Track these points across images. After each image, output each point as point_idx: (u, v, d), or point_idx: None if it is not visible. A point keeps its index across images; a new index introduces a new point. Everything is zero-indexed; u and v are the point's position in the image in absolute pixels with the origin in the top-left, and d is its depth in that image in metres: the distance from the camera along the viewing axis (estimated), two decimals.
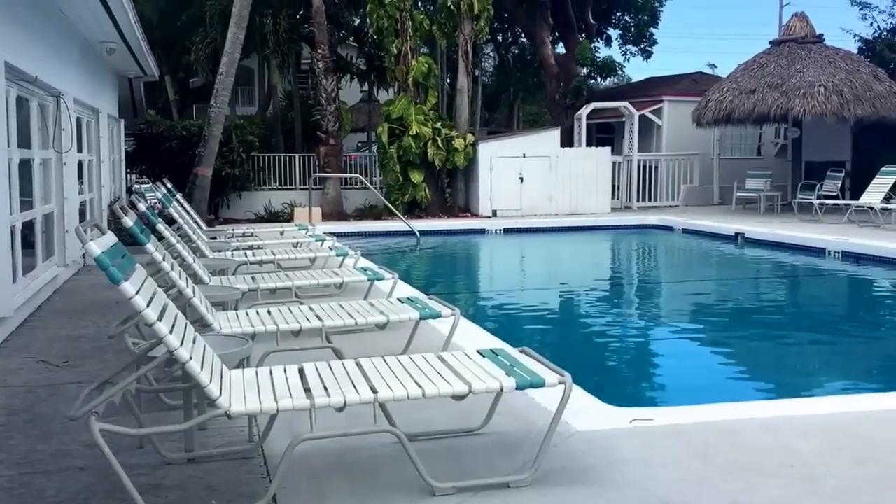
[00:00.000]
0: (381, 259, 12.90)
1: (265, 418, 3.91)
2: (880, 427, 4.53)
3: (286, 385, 3.67)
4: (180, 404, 4.30)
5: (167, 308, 3.65)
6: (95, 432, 3.12)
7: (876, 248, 12.46)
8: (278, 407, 3.43)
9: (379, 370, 3.91)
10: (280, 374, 3.87)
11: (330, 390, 3.58)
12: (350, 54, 24.53)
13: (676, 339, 8.87)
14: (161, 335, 3.32)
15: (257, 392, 3.57)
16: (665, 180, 20.94)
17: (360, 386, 3.65)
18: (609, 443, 4.29)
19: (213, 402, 3.39)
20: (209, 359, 3.64)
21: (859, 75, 17.52)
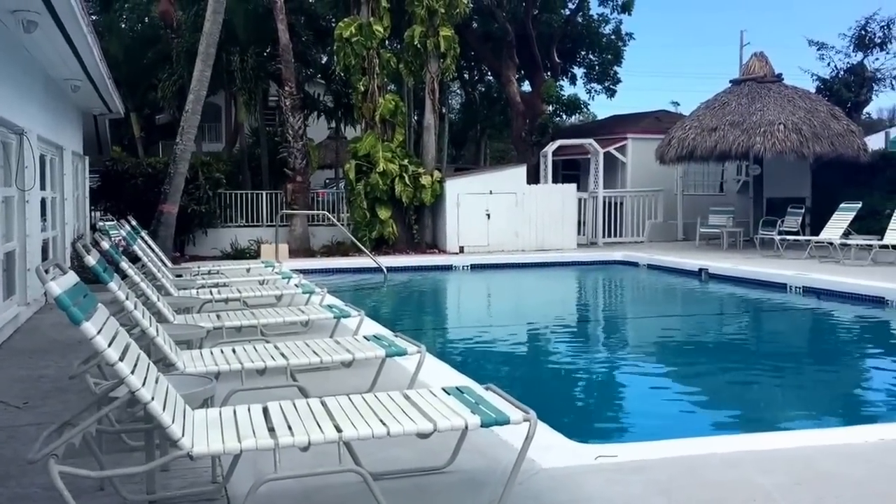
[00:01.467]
0: (349, 296, 12.87)
1: (229, 459, 3.88)
2: (841, 462, 4.58)
3: (250, 425, 3.65)
4: (142, 445, 4.24)
5: (129, 347, 3.62)
6: (54, 475, 3.08)
7: (836, 283, 12.66)
8: (242, 447, 3.40)
9: (344, 409, 3.90)
10: (244, 413, 3.84)
11: (294, 430, 3.57)
12: (317, 91, 24.65)
13: (641, 375, 8.92)
14: (122, 375, 3.30)
15: (220, 432, 3.54)
16: (630, 216, 21.18)
17: (324, 425, 3.64)
18: (574, 480, 4.30)
19: (175, 443, 3.36)
20: (172, 399, 3.62)
21: (818, 114, 17.88)
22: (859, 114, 23.19)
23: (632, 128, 22.82)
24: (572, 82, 29.33)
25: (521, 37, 25.13)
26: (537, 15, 25.81)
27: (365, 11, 18.84)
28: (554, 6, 26.46)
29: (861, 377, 8.85)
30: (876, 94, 22.76)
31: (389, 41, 21.36)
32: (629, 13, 26.96)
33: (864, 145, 18.11)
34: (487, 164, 33.95)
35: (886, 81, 22.13)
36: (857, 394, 8.02)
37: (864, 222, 16.80)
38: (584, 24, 27.70)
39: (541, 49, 25.88)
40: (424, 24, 18.92)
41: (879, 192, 18.30)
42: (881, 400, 7.78)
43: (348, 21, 18.79)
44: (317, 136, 24.83)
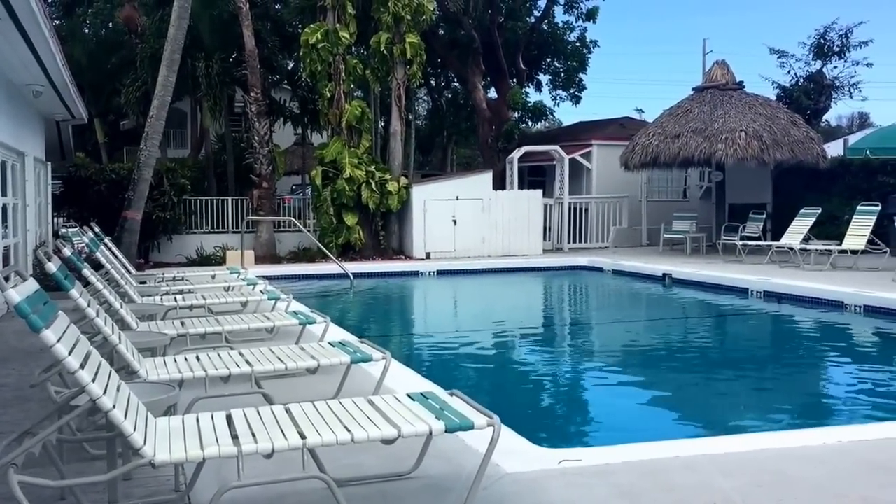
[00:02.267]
0: (315, 302, 12.84)
1: (192, 466, 3.87)
2: (800, 464, 4.67)
3: (213, 432, 3.65)
4: (104, 454, 4.22)
5: (90, 355, 3.60)
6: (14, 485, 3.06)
7: (796, 287, 12.87)
8: (204, 455, 3.40)
9: (308, 415, 3.91)
10: (207, 420, 3.84)
11: (258, 437, 3.57)
12: (283, 98, 24.55)
13: (605, 379, 9.01)
14: (83, 383, 3.29)
15: (183, 440, 3.54)
16: (595, 222, 21.35)
17: (288, 432, 3.65)
18: (538, 484, 4.34)
19: (137, 451, 3.35)
20: (134, 407, 3.60)
21: (778, 121, 18.13)
22: (818, 121, 23.63)
23: (597, 134, 23.04)
24: (538, 89, 29.51)
25: (487, 44, 25.25)
26: (503, 22, 25.95)
27: (331, 18, 18.82)
28: (519, 14, 26.60)
29: (820, 380, 9.02)
30: (834, 102, 23.29)
31: (356, 47, 21.35)
32: (594, 21, 27.18)
33: (823, 152, 18.42)
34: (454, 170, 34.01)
35: (845, 89, 22.61)
36: (816, 397, 8.16)
37: (823, 227, 17.07)
38: (549, 32, 27.89)
39: (507, 56, 26.02)
40: (391, 31, 18.95)
41: (838, 198, 18.63)
42: (839, 403, 7.94)
43: (314, 27, 18.76)
44: (283, 142, 24.73)
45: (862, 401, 7.82)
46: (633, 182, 21.31)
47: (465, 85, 26.84)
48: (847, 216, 16.35)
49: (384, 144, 20.53)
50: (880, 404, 7.60)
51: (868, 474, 4.51)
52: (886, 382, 8.61)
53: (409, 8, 18.72)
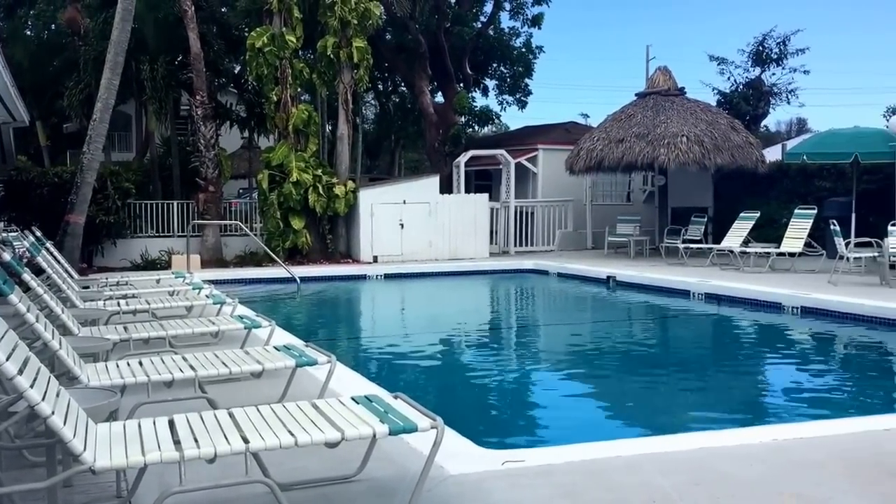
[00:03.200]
0: (262, 306, 12.77)
1: (134, 473, 3.84)
2: (737, 462, 4.76)
3: (155, 437, 3.64)
4: (43, 461, 4.16)
5: (29, 361, 3.57)
6: None
7: (736, 289, 13.12)
8: (146, 460, 3.39)
9: (252, 419, 3.92)
10: (149, 426, 3.82)
11: (200, 441, 3.57)
12: (230, 101, 24.32)
13: (550, 381, 9.12)
14: (21, 389, 3.26)
15: (124, 446, 3.52)
16: (541, 226, 21.55)
17: (231, 436, 3.65)
18: (481, 485, 4.37)
19: (77, 458, 3.33)
20: (73, 412, 3.58)
21: (718, 126, 18.49)
22: (757, 126, 24.22)
23: (542, 139, 23.23)
24: (484, 94, 29.68)
25: (433, 48, 25.33)
26: (450, 28, 26.05)
27: (277, 21, 18.72)
28: (466, 19, 26.75)
29: (758, 380, 9.23)
30: (773, 108, 23.88)
31: (303, 51, 21.25)
32: (539, 27, 27.46)
33: (762, 157, 18.84)
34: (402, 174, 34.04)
35: (782, 95, 23.21)
36: (754, 396, 8.35)
37: (762, 230, 17.43)
38: (495, 38, 28.08)
39: (453, 61, 26.14)
40: (337, 35, 18.91)
41: (776, 201, 19.07)
42: (776, 402, 8.14)
43: (261, 31, 18.64)
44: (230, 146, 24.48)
45: (798, 400, 8.04)
46: (579, 186, 21.56)
47: (413, 89, 26.89)
48: (785, 220, 16.71)
49: (331, 148, 20.47)
50: (815, 403, 7.82)
51: (802, 472, 4.61)
52: (821, 382, 8.87)
53: (356, 12, 18.70)
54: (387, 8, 21.46)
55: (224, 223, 19.41)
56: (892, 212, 14.70)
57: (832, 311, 11.31)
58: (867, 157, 16.07)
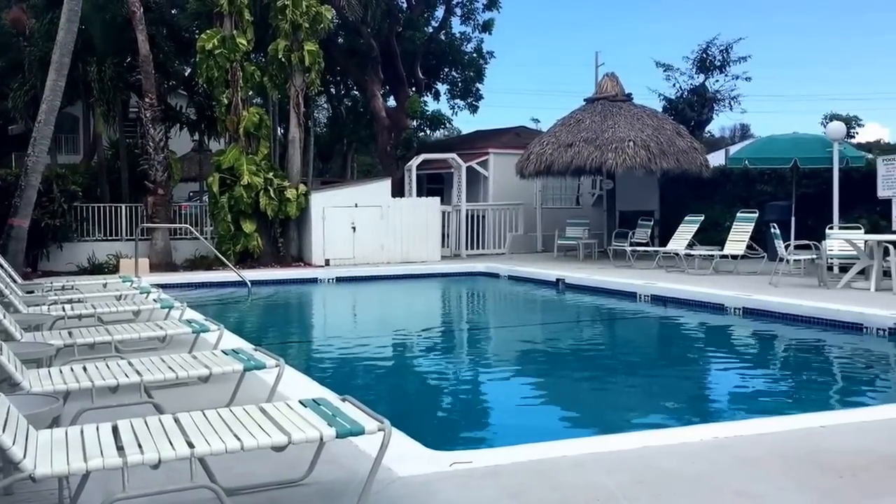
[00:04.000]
0: (211, 310, 12.66)
1: (77, 479, 3.82)
2: (679, 460, 4.84)
3: (98, 444, 3.61)
4: None
5: None
6: None
7: (680, 291, 13.34)
8: (88, 467, 3.36)
9: (198, 424, 3.91)
10: (92, 432, 3.79)
11: (144, 447, 3.55)
12: (180, 103, 24.05)
13: (500, 382, 9.20)
14: None
15: (66, 452, 3.49)
16: (492, 229, 21.68)
17: (176, 441, 3.64)
18: (429, 487, 4.39)
19: (16, 465, 3.30)
20: (13, 419, 3.55)
21: (664, 131, 18.77)
22: (702, 132, 24.68)
23: (493, 143, 23.40)
24: (436, 98, 29.81)
25: (385, 53, 25.37)
26: (401, 32, 26.11)
27: (228, 24, 18.59)
28: (417, 24, 26.84)
29: (701, 380, 9.42)
30: (716, 114, 24.36)
31: (254, 54, 21.14)
32: (489, 33, 27.72)
33: (706, 162, 19.20)
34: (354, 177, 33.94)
35: (725, 102, 23.69)
36: (697, 395, 8.53)
37: (706, 234, 17.76)
38: (446, 42, 28.22)
39: (405, 65, 26.20)
40: (288, 39, 18.84)
41: (720, 205, 19.44)
42: (718, 400, 8.33)
43: (211, 33, 18.49)
44: (180, 149, 24.22)
45: (738, 398, 8.22)
46: (529, 190, 21.75)
47: (365, 93, 26.90)
48: (728, 223, 16.99)
49: (283, 152, 20.38)
50: (755, 401, 8.01)
51: (742, 468, 4.70)
52: (761, 381, 9.09)
53: (307, 16, 18.66)
54: (338, 12, 21.44)
55: (174, 226, 19.20)
56: (830, 215, 15.05)
57: (773, 311, 11.57)
58: (806, 162, 16.49)
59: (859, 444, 5.18)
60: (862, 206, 16.01)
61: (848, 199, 15.43)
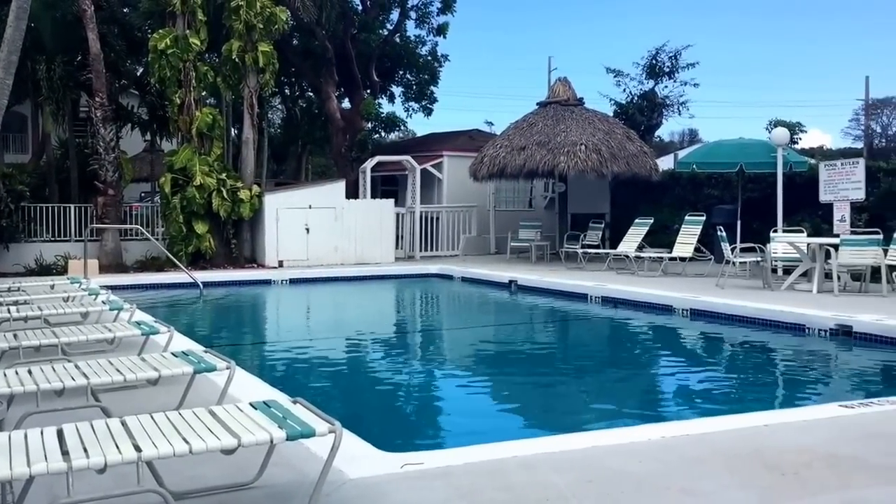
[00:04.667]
0: (162, 312, 12.56)
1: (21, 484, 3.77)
2: (627, 459, 4.91)
3: (42, 448, 3.56)
4: None
5: None
6: None
7: (630, 292, 13.53)
8: (31, 472, 3.32)
9: (145, 427, 3.88)
10: (36, 436, 3.74)
11: (90, 451, 3.51)
12: (131, 103, 23.76)
13: (452, 383, 9.26)
14: None
15: (9, 457, 3.44)
16: (446, 231, 21.76)
17: (123, 445, 3.60)
18: (380, 488, 4.40)
19: None
20: None
21: (615, 136, 18.95)
22: (651, 136, 25.02)
23: (447, 145, 23.49)
24: (391, 100, 29.83)
25: (340, 55, 25.31)
26: (356, 34, 26.08)
27: (181, 23, 18.41)
28: (372, 26, 26.83)
29: (649, 380, 9.58)
30: (665, 119, 24.75)
31: (208, 54, 20.94)
32: (444, 36, 27.83)
33: (655, 166, 19.44)
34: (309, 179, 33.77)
35: (674, 107, 24.06)
36: (645, 395, 8.65)
37: (656, 236, 17.98)
38: (401, 45, 28.26)
39: (360, 67, 26.17)
40: (242, 39, 18.71)
41: (669, 208, 19.72)
42: (665, 400, 8.48)
43: (163, 32, 18.29)
44: (132, 149, 23.92)
45: (685, 398, 8.38)
46: (482, 192, 21.86)
47: (319, 95, 26.80)
48: (676, 226, 17.25)
49: (237, 152, 20.23)
50: (701, 401, 8.16)
51: (688, 467, 4.78)
52: (707, 381, 9.25)
53: (261, 17, 18.56)
54: (293, 13, 21.34)
55: (124, 227, 18.96)
56: (774, 219, 15.36)
57: (719, 313, 11.80)
58: (751, 167, 16.83)
59: (801, 442, 5.30)
60: (804, 210, 16.37)
61: (791, 203, 15.77)
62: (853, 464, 4.87)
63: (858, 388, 8.56)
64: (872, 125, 53.54)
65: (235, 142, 20.98)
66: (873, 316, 10.23)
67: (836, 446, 5.21)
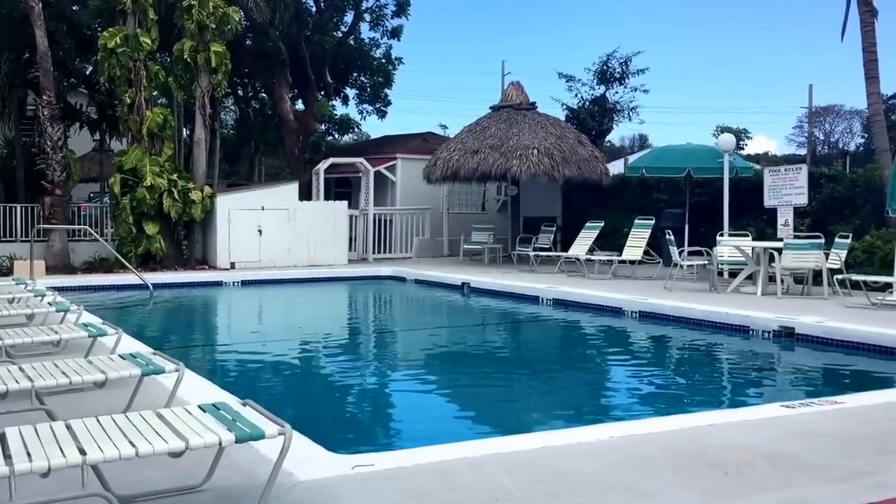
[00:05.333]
0: (111, 314, 12.39)
1: None
2: (575, 459, 4.96)
3: None
4: None
5: None
6: None
7: (581, 295, 13.69)
8: None
9: (91, 431, 3.82)
10: None
11: (33, 455, 3.45)
12: (80, 102, 23.37)
13: (403, 385, 9.28)
14: None
15: None
16: (399, 233, 21.78)
17: (67, 448, 3.55)
18: (331, 491, 4.38)
19: None
20: None
21: (566, 140, 19.18)
22: (602, 141, 25.36)
23: (401, 148, 23.54)
24: (345, 102, 29.83)
25: (294, 56, 25.22)
26: (310, 36, 26.00)
27: (132, 22, 18.18)
28: (326, 28, 26.78)
29: (598, 381, 9.68)
30: (616, 124, 25.12)
31: (160, 54, 20.68)
32: (398, 39, 27.91)
33: (606, 170, 19.74)
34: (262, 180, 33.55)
35: (625, 112, 24.42)
36: (594, 396, 8.75)
37: (606, 239, 18.19)
38: (355, 48, 28.26)
39: (314, 69, 26.09)
40: (195, 39, 18.53)
41: (619, 212, 19.98)
42: (613, 401, 8.58)
43: (113, 31, 18.04)
44: (80, 149, 23.49)
45: (633, 399, 8.51)
46: (436, 195, 21.92)
47: (273, 96, 26.66)
48: (626, 229, 17.44)
49: (188, 153, 20.02)
50: (649, 401, 8.30)
51: (634, 467, 4.84)
52: (655, 382, 9.41)
53: (214, 17, 18.41)
54: (246, 14, 21.20)
55: (72, 228, 18.65)
56: (721, 223, 15.66)
57: (666, 315, 12.01)
58: (699, 172, 17.12)
59: (744, 441, 5.39)
60: (750, 214, 16.72)
61: (737, 207, 16.09)
62: (794, 462, 4.97)
63: (800, 389, 8.78)
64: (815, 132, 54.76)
65: (187, 142, 20.76)
66: (815, 318, 10.49)
67: (778, 445, 5.31)
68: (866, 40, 16.07)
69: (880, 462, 5.03)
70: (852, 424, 5.93)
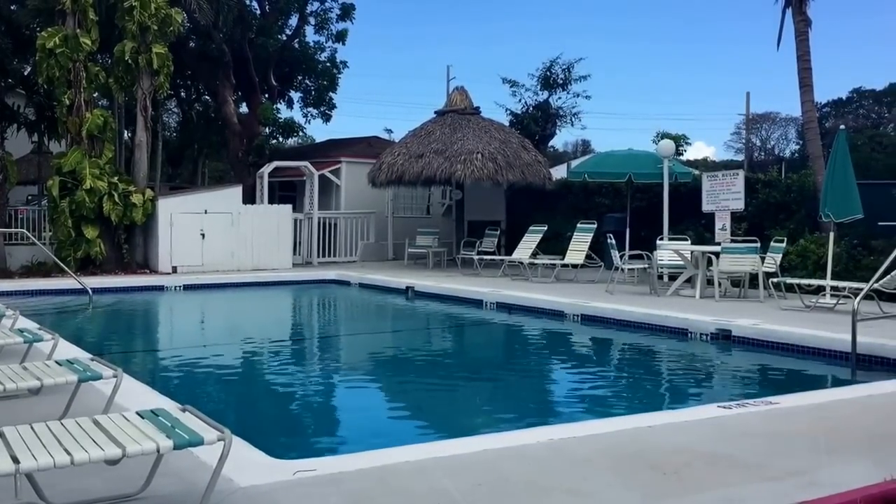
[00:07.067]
0: (49, 319, 12.14)
1: None
2: (516, 462, 5.02)
3: None
4: None
5: None
6: None
7: (524, 298, 13.80)
8: None
9: (24, 438, 3.78)
10: None
11: None
12: (17, 103, 22.86)
13: (346, 389, 9.28)
14: None
15: None
16: (344, 237, 21.70)
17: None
18: (271, 496, 4.36)
19: None
20: None
21: (510, 145, 19.33)
22: (546, 146, 25.65)
23: (346, 152, 23.46)
24: (289, 106, 29.57)
25: (238, 59, 24.97)
26: (254, 38, 25.79)
27: (71, 22, 17.81)
28: (271, 31, 26.58)
29: (540, 384, 9.81)
30: (559, 129, 25.43)
31: (100, 55, 20.32)
32: (343, 43, 27.79)
33: (549, 175, 19.92)
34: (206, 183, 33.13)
35: (567, 118, 24.74)
36: (536, 398, 8.86)
37: (549, 243, 18.37)
38: (300, 51, 28.09)
39: (258, 72, 25.88)
40: (136, 40, 18.25)
41: (562, 216, 20.17)
42: (555, 403, 8.72)
43: (52, 31, 17.66)
44: (18, 150, 22.98)
45: (574, 401, 8.63)
46: (381, 198, 21.91)
47: (216, 98, 26.35)
48: (569, 233, 17.61)
49: (130, 156, 19.72)
50: (590, 403, 8.42)
51: (574, 468, 4.91)
52: (596, 384, 9.54)
53: (156, 18, 18.16)
54: (189, 15, 20.95)
55: (8, 231, 18.22)
56: (661, 227, 15.91)
57: (608, 318, 12.20)
58: (639, 177, 17.39)
59: (682, 442, 5.51)
60: (689, 219, 17.04)
61: (677, 212, 16.37)
62: (730, 462, 5.08)
63: (736, 390, 8.98)
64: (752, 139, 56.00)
65: (128, 145, 20.46)
66: (751, 320, 10.75)
67: (715, 446, 5.42)
68: (801, 49, 16.47)
69: (813, 461, 5.18)
70: (786, 424, 6.08)
